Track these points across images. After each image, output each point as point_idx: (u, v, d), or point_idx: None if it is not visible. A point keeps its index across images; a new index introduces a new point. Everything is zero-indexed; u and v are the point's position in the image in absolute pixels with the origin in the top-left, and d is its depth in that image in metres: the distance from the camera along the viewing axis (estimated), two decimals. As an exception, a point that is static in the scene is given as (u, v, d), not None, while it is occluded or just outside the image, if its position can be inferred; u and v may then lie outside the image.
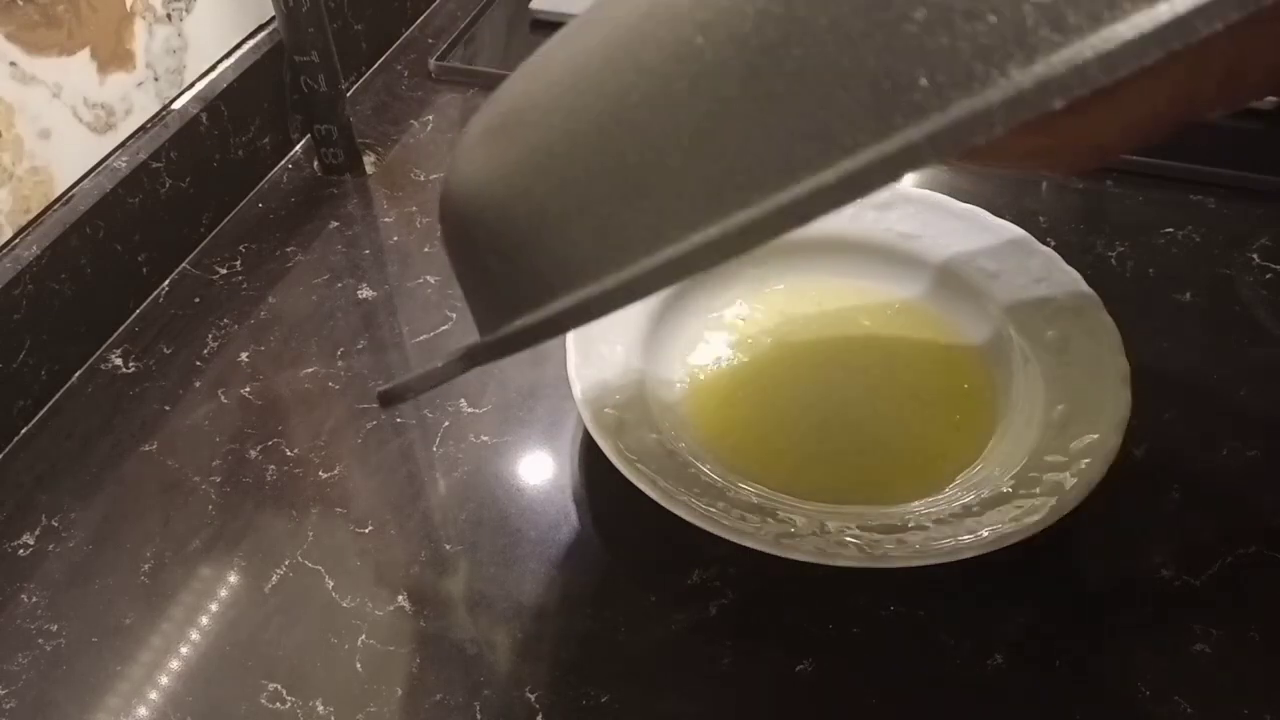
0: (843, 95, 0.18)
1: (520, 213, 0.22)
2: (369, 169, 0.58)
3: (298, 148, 0.59)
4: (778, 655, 0.35)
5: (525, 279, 0.23)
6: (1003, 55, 0.17)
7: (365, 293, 0.50)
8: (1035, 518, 0.34)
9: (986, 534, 0.34)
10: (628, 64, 0.20)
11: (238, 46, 0.56)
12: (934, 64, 0.17)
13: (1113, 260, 0.49)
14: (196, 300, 0.50)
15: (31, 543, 0.40)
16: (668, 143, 0.20)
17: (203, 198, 0.53)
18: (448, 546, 0.39)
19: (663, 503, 0.35)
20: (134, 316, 0.49)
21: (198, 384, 0.46)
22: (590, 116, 0.21)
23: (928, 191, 0.47)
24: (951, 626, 0.36)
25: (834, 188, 0.18)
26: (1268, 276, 0.48)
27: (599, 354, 0.41)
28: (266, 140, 0.57)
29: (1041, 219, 0.51)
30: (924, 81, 0.17)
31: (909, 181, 0.51)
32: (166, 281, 0.51)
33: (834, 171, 0.18)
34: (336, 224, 0.54)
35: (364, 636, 0.36)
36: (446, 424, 0.43)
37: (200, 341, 0.48)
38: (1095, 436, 0.37)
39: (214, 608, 0.38)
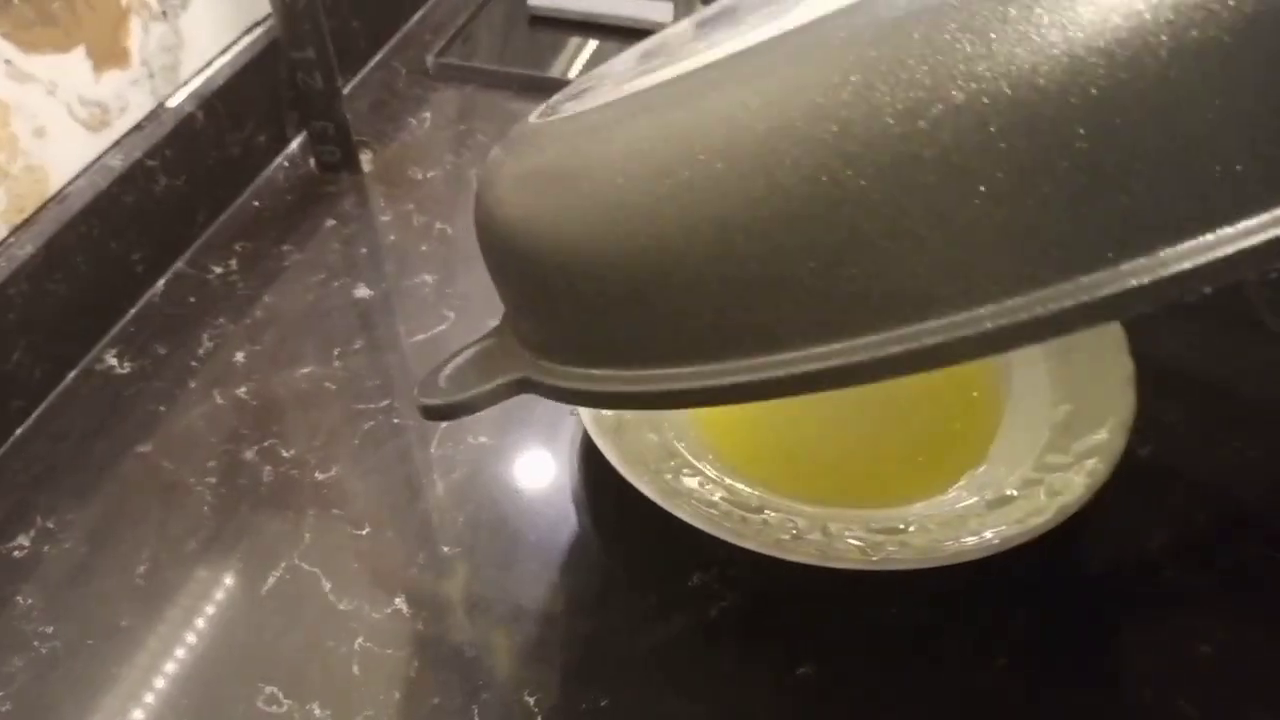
0: (994, 244, 0.18)
1: (618, 277, 0.22)
2: (366, 167, 0.57)
3: (294, 145, 0.59)
4: (779, 658, 0.35)
5: (609, 338, 0.24)
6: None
7: (362, 292, 0.50)
8: (1039, 519, 0.34)
9: (990, 536, 0.34)
10: (759, 177, 0.20)
11: (233, 44, 0.55)
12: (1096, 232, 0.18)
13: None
14: (192, 300, 0.50)
15: (27, 544, 0.40)
16: (798, 260, 0.20)
17: (198, 196, 0.52)
18: (446, 548, 0.39)
19: (663, 504, 0.35)
20: (129, 316, 0.49)
21: (193, 384, 0.46)
22: (710, 213, 0.21)
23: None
24: (954, 628, 0.36)
25: (971, 336, 0.19)
26: (1273, 276, 0.48)
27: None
28: (262, 138, 0.56)
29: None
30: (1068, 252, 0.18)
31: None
32: (161, 281, 0.51)
33: (970, 316, 0.19)
34: (333, 222, 0.54)
35: (361, 639, 0.36)
36: (444, 425, 0.43)
37: (195, 341, 0.48)
38: (1100, 437, 0.36)
39: (210, 610, 0.37)
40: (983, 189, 0.18)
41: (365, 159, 0.58)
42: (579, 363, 0.25)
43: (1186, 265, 0.17)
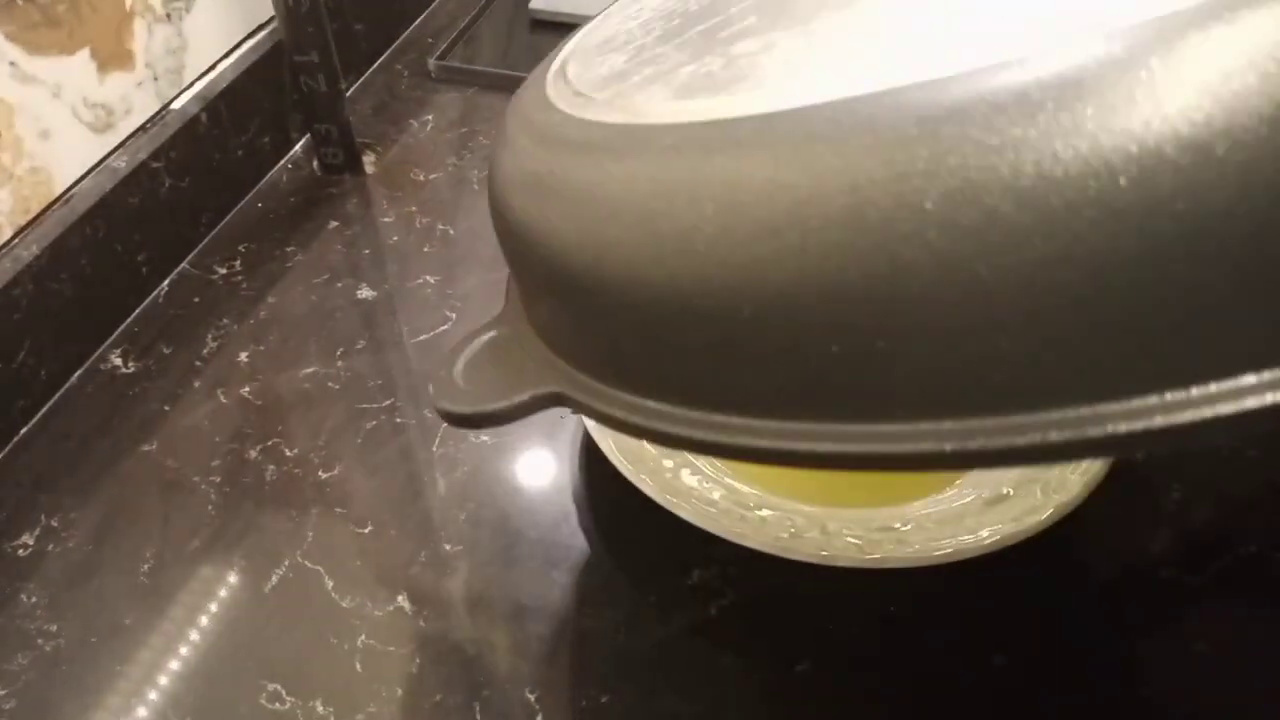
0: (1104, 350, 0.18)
1: (701, 325, 0.22)
2: (368, 169, 0.58)
3: (297, 147, 0.59)
4: (778, 655, 0.35)
5: (678, 379, 0.23)
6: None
7: (365, 293, 0.50)
8: (1036, 518, 0.34)
9: (987, 535, 0.34)
10: (881, 256, 0.19)
11: (237, 46, 0.55)
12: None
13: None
14: (196, 300, 0.50)
15: (31, 543, 0.40)
16: (909, 339, 0.19)
17: (202, 197, 0.53)
18: (447, 546, 0.39)
19: (662, 502, 0.35)
20: (133, 316, 0.49)
21: (197, 384, 0.46)
22: (821, 284, 0.20)
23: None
24: (952, 627, 0.36)
25: (1039, 445, 0.18)
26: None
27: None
28: (266, 140, 0.57)
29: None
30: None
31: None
32: (166, 281, 0.51)
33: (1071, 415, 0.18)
34: (336, 224, 0.54)
35: (364, 637, 0.36)
36: (446, 424, 0.43)
37: (200, 341, 0.48)
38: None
39: (213, 608, 0.38)
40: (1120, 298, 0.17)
41: (368, 161, 0.58)
42: (626, 388, 0.25)
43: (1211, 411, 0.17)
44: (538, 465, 0.42)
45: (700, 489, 0.37)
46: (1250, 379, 0.17)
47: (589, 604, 0.37)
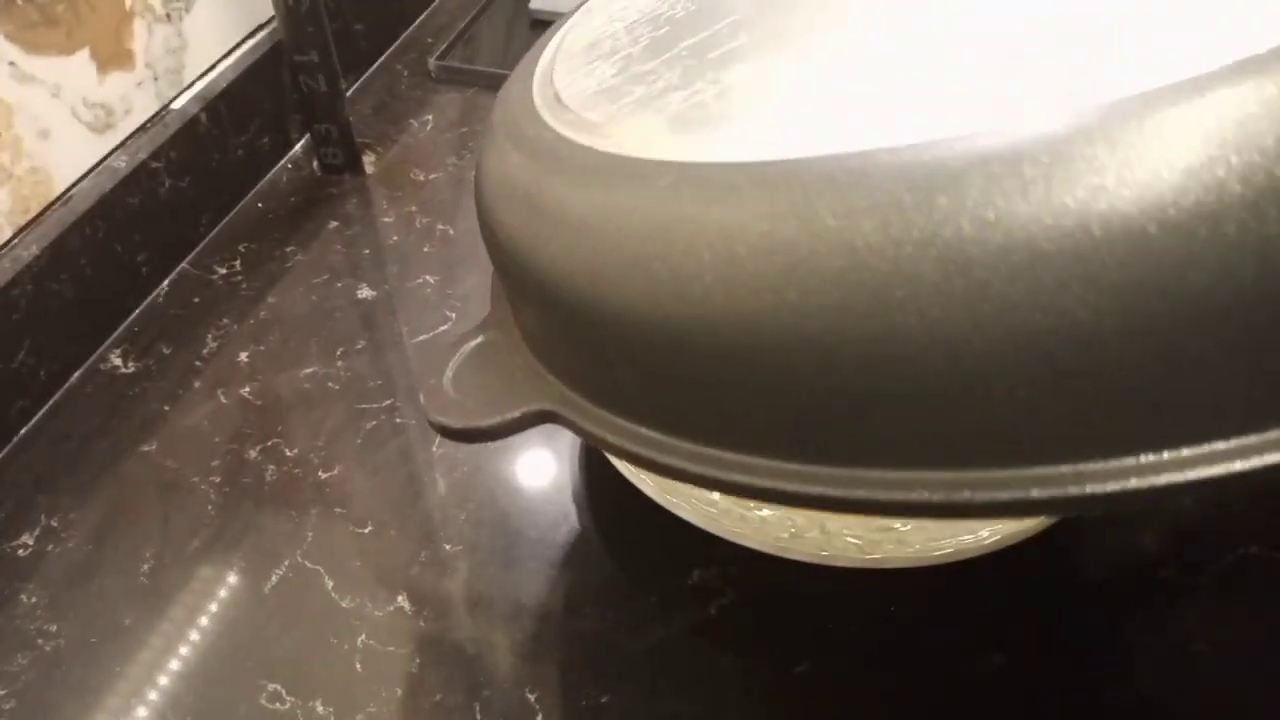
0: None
1: (701, 364, 0.22)
2: (368, 169, 0.58)
3: (297, 148, 0.59)
4: (777, 656, 0.35)
5: (671, 409, 0.23)
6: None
7: (365, 293, 0.50)
8: (1037, 518, 0.34)
9: (987, 535, 0.34)
10: (879, 318, 0.19)
11: (237, 46, 0.55)
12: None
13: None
14: (196, 300, 0.50)
15: (30, 543, 0.40)
16: (901, 395, 0.20)
17: (202, 197, 0.53)
18: (447, 547, 0.39)
19: (662, 502, 0.35)
20: (133, 316, 0.49)
21: (197, 384, 0.46)
22: (817, 341, 0.20)
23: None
24: (951, 627, 0.36)
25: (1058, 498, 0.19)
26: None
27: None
28: (266, 140, 0.57)
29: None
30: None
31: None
32: (166, 281, 0.51)
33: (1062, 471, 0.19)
34: (336, 224, 0.54)
35: (364, 637, 0.36)
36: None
37: (200, 341, 0.48)
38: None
39: (213, 608, 0.38)
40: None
41: (368, 161, 0.58)
42: (615, 411, 0.25)
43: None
44: (538, 465, 0.42)
45: (700, 489, 0.37)
46: (1222, 445, 0.18)
47: (589, 604, 0.37)
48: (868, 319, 0.19)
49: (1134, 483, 0.18)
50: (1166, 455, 0.18)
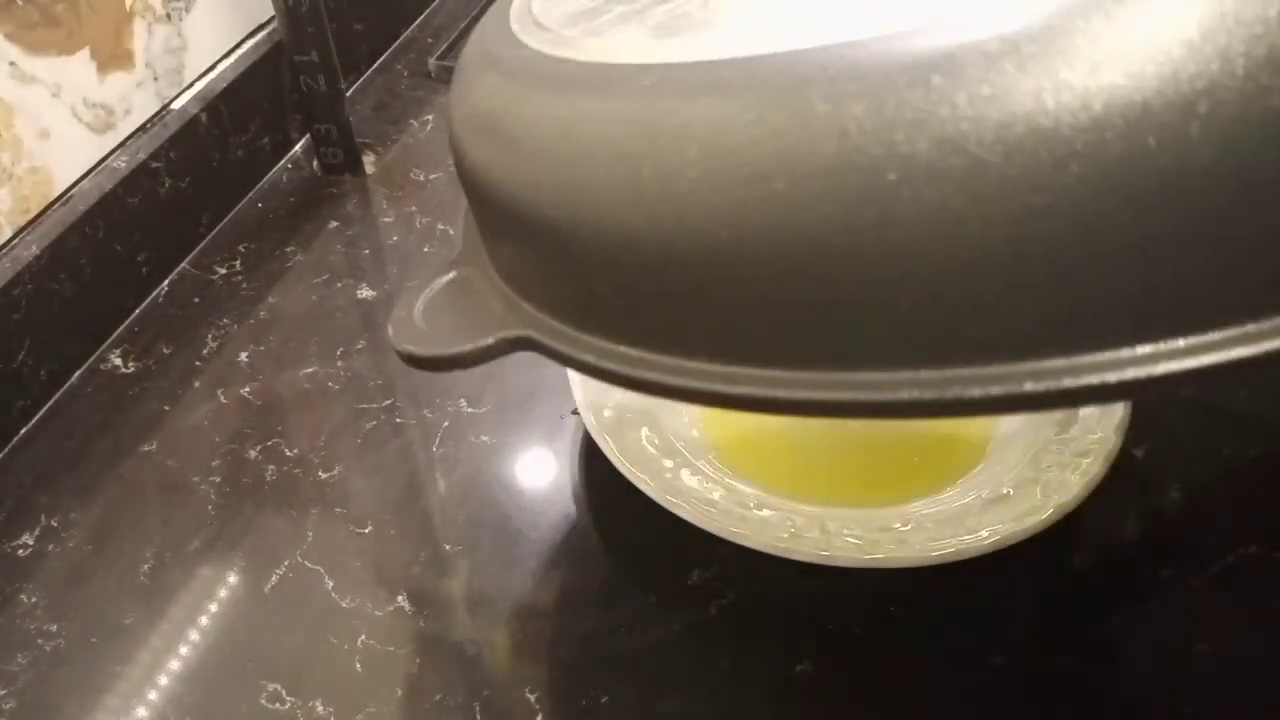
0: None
1: (680, 271, 0.21)
2: (369, 169, 0.58)
3: (297, 147, 0.59)
4: (778, 656, 0.35)
5: (645, 322, 0.22)
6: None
7: (365, 293, 0.50)
8: (1036, 518, 0.34)
9: (987, 535, 0.34)
10: (871, 206, 0.19)
11: (237, 46, 0.56)
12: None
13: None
14: (196, 300, 0.50)
15: (31, 543, 0.40)
16: (891, 289, 0.19)
17: (202, 198, 0.53)
18: (447, 547, 0.39)
19: (662, 502, 0.35)
20: (133, 316, 0.49)
21: (197, 384, 0.46)
22: (807, 231, 0.19)
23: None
24: (952, 627, 0.36)
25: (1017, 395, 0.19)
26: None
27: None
28: (266, 140, 0.57)
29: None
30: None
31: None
32: (166, 281, 0.51)
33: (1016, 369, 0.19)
34: (336, 224, 0.54)
35: (364, 637, 0.36)
36: (446, 424, 0.43)
37: (200, 341, 0.48)
38: (1096, 436, 0.36)
39: (213, 608, 0.38)
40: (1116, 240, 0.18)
41: (368, 161, 0.58)
42: (597, 333, 0.24)
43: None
44: (538, 465, 0.42)
45: (700, 489, 0.37)
46: (1218, 334, 0.17)
47: (589, 604, 0.37)
48: (860, 205, 0.19)
49: (1131, 374, 0.18)
50: (1164, 346, 0.18)
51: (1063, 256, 0.18)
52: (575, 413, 0.43)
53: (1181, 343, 0.18)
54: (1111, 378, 0.18)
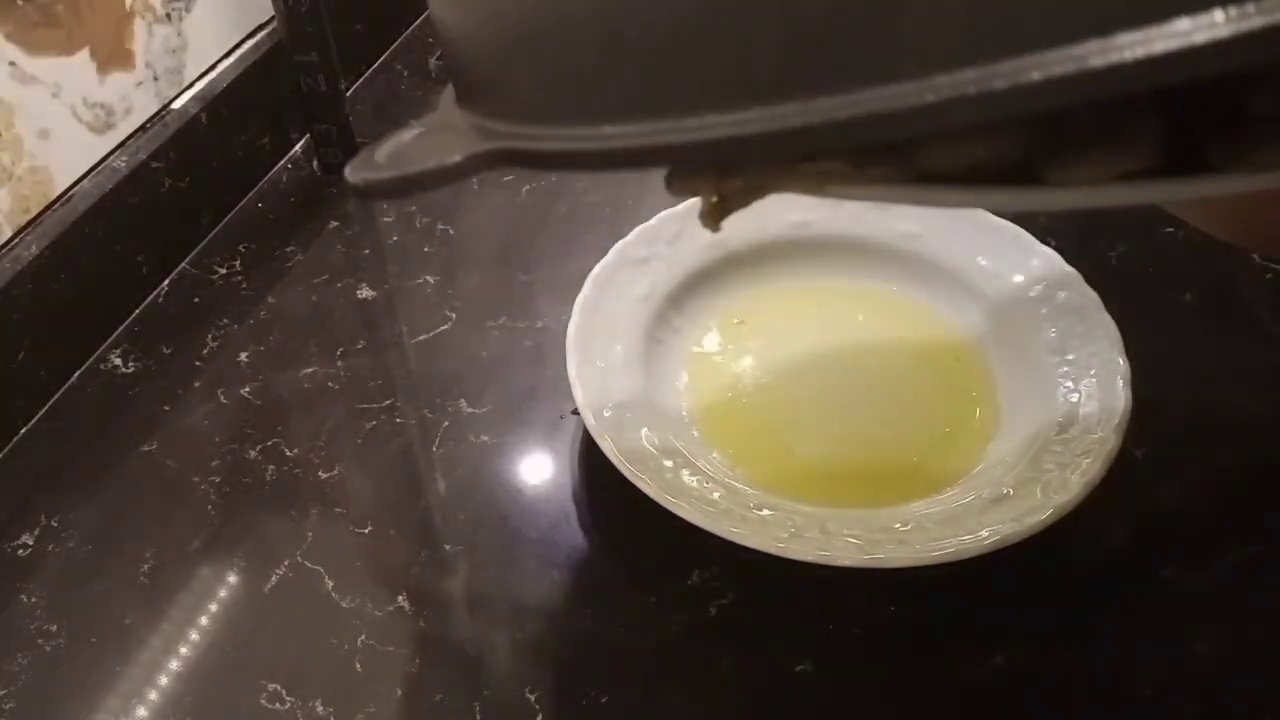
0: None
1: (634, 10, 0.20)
2: (369, 169, 0.58)
3: (297, 147, 0.59)
4: (778, 656, 0.35)
5: (617, 84, 0.21)
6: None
7: (365, 292, 0.50)
8: (1036, 518, 0.34)
9: (987, 535, 0.34)
10: None
11: (237, 46, 0.55)
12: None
13: (1113, 260, 0.49)
14: (196, 300, 0.50)
15: (31, 543, 0.40)
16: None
17: (202, 197, 0.53)
18: (447, 547, 0.39)
19: (663, 503, 0.35)
20: (133, 316, 0.49)
21: (197, 384, 0.46)
22: None
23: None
24: (951, 627, 0.36)
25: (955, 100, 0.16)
26: (1268, 276, 0.48)
27: (598, 354, 0.41)
28: (266, 140, 0.57)
29: (1041, 218, 0.51)
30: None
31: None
32: (166, 281, 0.51)
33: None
34: (336, 224, 0.54)
35: (364, 637, 0.36)
36: (446, 424, 0.43)
37: (200, 341, 0.48)
38: (1096, 436, 0.36)
39: (213, 608, 0.38)
40: None
41: (368, 161, 0.58)
42: (571, 121, 0.22)
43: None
44: (538, 465, 0.42)
45: (700, 489, 0.37)
46: (1219, 14, 0.16)
47: (589, 604, 0.37)
48: None
49: (1095, 62, 0.15)
50: (1139, 34, 0.15)
51: None
52: (575, 412, 0.43)
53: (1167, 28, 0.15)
54: (1073, 68, 0.15)
